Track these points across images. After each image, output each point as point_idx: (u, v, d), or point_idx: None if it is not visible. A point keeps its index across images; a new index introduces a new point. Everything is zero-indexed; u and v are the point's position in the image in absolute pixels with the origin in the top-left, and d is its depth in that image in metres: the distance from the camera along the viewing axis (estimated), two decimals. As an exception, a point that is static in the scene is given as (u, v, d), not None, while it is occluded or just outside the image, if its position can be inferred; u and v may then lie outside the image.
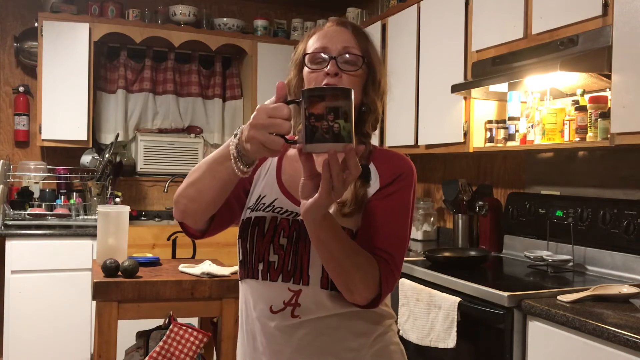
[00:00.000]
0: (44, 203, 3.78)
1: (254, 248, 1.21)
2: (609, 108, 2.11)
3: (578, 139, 2.25)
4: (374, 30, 3.61)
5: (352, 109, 0.93)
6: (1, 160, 3.66)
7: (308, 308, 1.17)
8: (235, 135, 1.03)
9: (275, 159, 1.30)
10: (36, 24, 3.83)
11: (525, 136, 2.52)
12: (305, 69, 1.24)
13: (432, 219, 3.53)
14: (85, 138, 3.89)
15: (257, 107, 0.96)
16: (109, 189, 3.94)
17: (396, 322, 1.34)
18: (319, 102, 0.92)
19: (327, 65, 1.20)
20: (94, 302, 2.14)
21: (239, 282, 1.30)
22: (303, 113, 0.93)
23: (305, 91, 0.94)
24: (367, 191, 1.20)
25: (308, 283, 1.16)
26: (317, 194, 0.96)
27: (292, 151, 1.32)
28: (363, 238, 1.17)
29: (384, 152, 1.29)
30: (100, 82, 4.28)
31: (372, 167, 1.23)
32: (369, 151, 1.26)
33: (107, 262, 2.18)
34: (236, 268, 1.96)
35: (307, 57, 1.24)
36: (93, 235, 3.37)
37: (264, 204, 1.24)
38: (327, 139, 0.91)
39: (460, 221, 3.13)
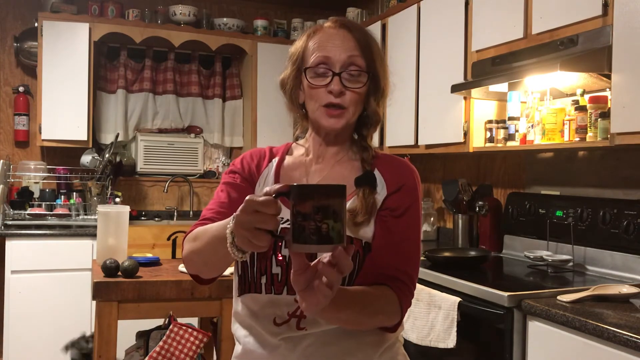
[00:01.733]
0: (44, 203, 3.78)
1: (255, 261, 1.15)
2: (609, 108, 2.11)
3: (578, 139, 2.25)
4: (373, 30, 3.61)
5: (344, 206, 0.87)
6: (1, 160, 3.66)
7: (315, 320, 1.12)
8: (233, 218, 0.94)
9: (273, 169, 1.27)
10: (36, 24, 3.83)
11: (525, 136, 2.52)
12: (305, 82, 1.20)
13: (432, 219, 3.53)
14: (85, 138, 3.89)
15: (247, 198, 0.89)
16: (109, 189, 3.94)
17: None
18: (307, 200, 0.85)
19: (330, 82, 1.17)
20: (94, 302, 2.14)
21: (236, 297, 1.23)
22: (291, 210, 0.87)
23: (295, 187, 0.87)
24: (375, 199, 1.18)
25: None
26: (315, 296, 0.89)
27: (289, 160, 1.29)
28: (381, 257, 1.15)
29: (387, 158, 1.26)
30: (100, 82, 4.28)
31: (377, 173, 1.22)
32: (372, 156, 1.24)
33: (107, 262, 2.18)
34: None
35: (308, 70, 1.19)
36: (93, 235, 3.37)
37: None
38: (314, 240, 0.85)
39: (460, 221, 3.13)
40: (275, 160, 1.28)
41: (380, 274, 1.14)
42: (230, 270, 2.25)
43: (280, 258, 1.14)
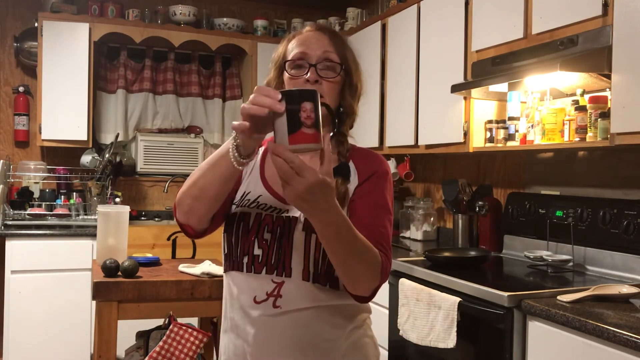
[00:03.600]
0: (44, 203, 3.78)
1: (239, 242, 1.29)
2: (609, 108, 2.11)
3: (578, 139, 2.25)
4: (374, 30, 3.61)
5: (284, 110, 1.01)
6: (1, 160, 3.66)
7: (289, 299, 1.24)
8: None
9: (259, 157, 1.37)
10: (36, 24, 3.83)
11: (525, 136, 2.52)
12: (286, 75, 1.31)
13: (432, 219, 3.53)
14: (85, 138, 3.89)
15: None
16: (109, 189, 3.94)
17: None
18: None
19: (307, 72, 1.28)
20: (94, 302, 2.14)
21: (224, 274, 1.36)
22: None
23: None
24: (348, 188, 1.28)
25: (290, 275, 1.24)
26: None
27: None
28: None
29: (361, 151, 1.38)
30: (100, 82, 4.28)
31: (351, 164, 1.32)
32: (347, 149, 1.34)
33: (107, 262, 2.19)
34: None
35: (287, 63, 1.31)
36: (93, 235, 3.37)
37: (249, 200, 1.31)
38: None
39: (460, 221, 3.13)
40: (261, 150, 1.38)
41: None
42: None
43: (262, 240, 1.26)
